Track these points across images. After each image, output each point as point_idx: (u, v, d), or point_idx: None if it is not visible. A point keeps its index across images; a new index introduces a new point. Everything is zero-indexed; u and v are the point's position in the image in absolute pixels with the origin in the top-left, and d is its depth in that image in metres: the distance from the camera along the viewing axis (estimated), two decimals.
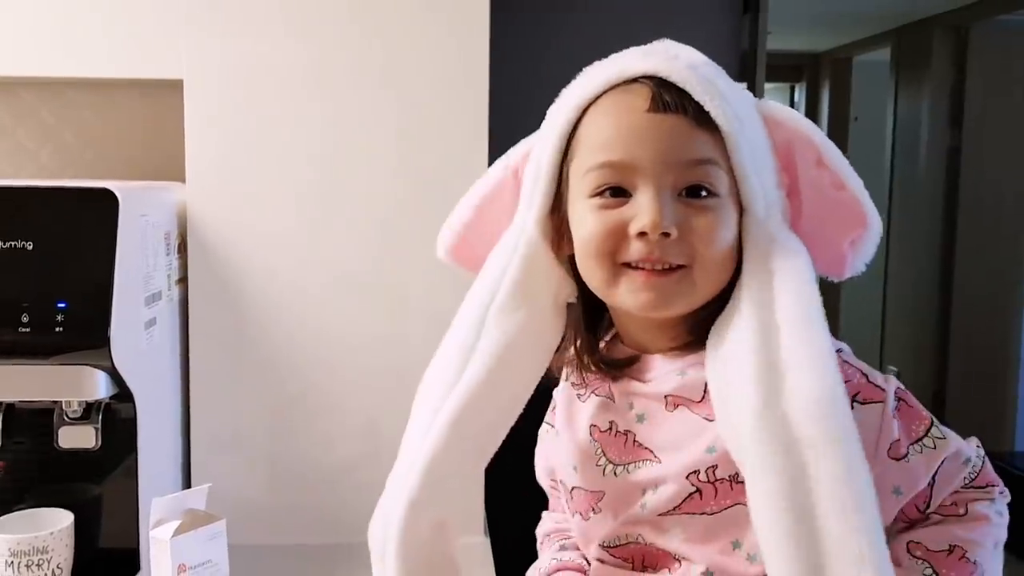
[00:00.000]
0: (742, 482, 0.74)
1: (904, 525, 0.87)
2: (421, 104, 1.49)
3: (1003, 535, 0.88)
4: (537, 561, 1.02)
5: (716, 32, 2.07)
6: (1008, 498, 0.90)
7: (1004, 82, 4.65)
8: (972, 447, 0.89)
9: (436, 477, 0.82)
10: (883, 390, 0.83)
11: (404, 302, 1.52)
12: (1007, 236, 4.61)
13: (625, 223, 0.78)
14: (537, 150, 0.87)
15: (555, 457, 0.95)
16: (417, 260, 1.50)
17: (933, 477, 0.84)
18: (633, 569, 0.84)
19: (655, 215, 0.76)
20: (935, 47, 4.84)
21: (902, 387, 0.86)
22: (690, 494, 0.80)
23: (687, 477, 0.80)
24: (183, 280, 1.49)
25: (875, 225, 0.83)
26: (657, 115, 0.78)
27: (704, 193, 0.78)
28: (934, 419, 0.86)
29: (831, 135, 4.05)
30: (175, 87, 1.49)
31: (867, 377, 0.84)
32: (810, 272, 0.77)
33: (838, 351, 0.78)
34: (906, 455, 0.83)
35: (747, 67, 3.99)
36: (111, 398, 1.26)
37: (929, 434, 0.84)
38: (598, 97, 0.81)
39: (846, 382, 0.75)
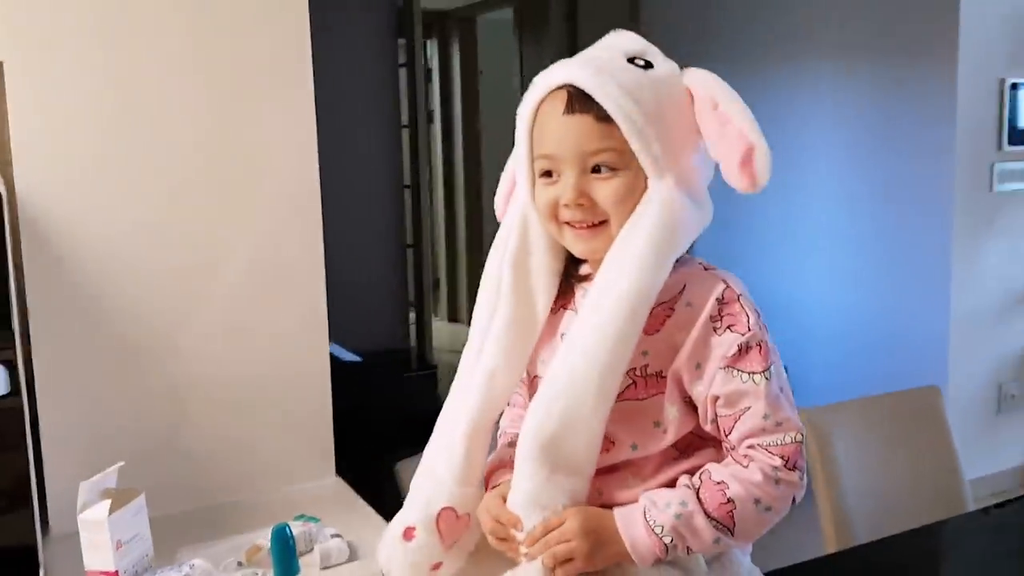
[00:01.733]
0: (664, 376, 1.05)
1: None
2: (245, 91, 1.64)
3: (773, 502, 1.02)
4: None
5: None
6: (798, 489, 1.03)
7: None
8: (794, 426, 1.04)
9: None
10: (711, 300, 1.05)
11: (245, 287, 1.68)
12: None
13: (558, 196, 1.07)
14: (517, 138, 1.13)
15: (535, 353, 1.17)
16: (249, 238, 1.66)
17: (741, 413, 1.03)
18: None
19: (572, 191, 1.05)
20: (551, 8, 5.46)
21: (756, 331, 1.04)
22: (627, 386, 1.07)
23: (627, 373, 1.05)
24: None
25: (758, 146, 1.04)
26: (569, 116, 1.05)
27: (607, 169, 1.06)
28: (774, 376, 1.03)
29: (462, 88, 4.65)
30: None
31: (711, 283, 1.06)
32: (667, 211, 1.03)
33: (712, 270, 1.07)
34: (715, 366, 1.04)
35: (405, 24, 4.31)
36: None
37: (750, 372, 1.03)
38: (542, 101, 1.08)
39: (684, 285, 1.05)
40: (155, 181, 1.61)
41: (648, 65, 1.09)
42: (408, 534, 1.10)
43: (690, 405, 1.08)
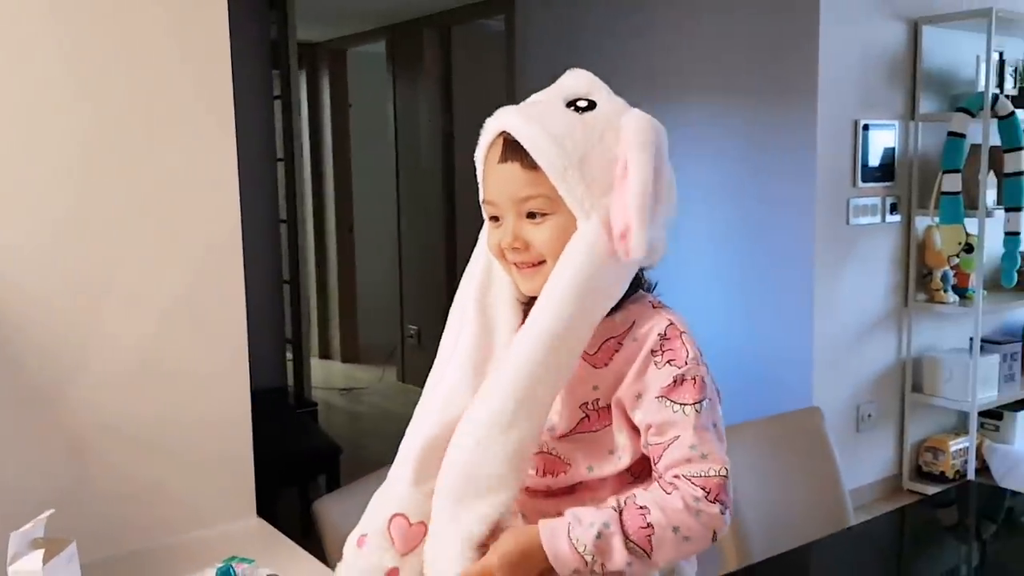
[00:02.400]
0: (610, 410, 1.12)
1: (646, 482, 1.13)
2: (162, 123, 1.61)
3: (691, 533, 1.05)
4: None
5: (247, 22, 2.10)
6: (719, 523, 1.06)
7: (481, 74, 5.50)
8: (719, 460, 1.07)
9: None
10: (654, 335, 1.10)
11: (161, 325, 1.62)
12: None
13: (500, 240, 1.13)
14: (479, 178, 1.18)
15: None
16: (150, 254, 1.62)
17: (670, 443, 1.08)
18: (538, 475, 1.16)
19: (507, 236, 1.12)
20: (425, 44, 5.53)
21: (692, 366, 1.10)
22: (581, 419, 1.14)
23: (580, 407, 1.13)
24: None
25: (634, 231, 1.07)
26: (503, 164, 1.11)
27: (538, 215, 1.11)
28: (705, 410, 1.08)
29: (332, 120, 4.72)
30: None
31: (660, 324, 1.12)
32: (585, 252, 1.07)
33: (659, 308, 1.13)
34: (651, 396, 1.10)
35: (280, 55, 4.27)
36: None
37: (680, 404, 1.08)
38: (490, 147, 1.14)
39: (633, 322, 1.10)
40: (61, 215, 1.55)
41: (591, 105, 1.13)
42: (360, 541, 1.14)
43: (636, 431, 1.13)
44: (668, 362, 1.10)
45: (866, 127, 3.76)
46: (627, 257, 1.09)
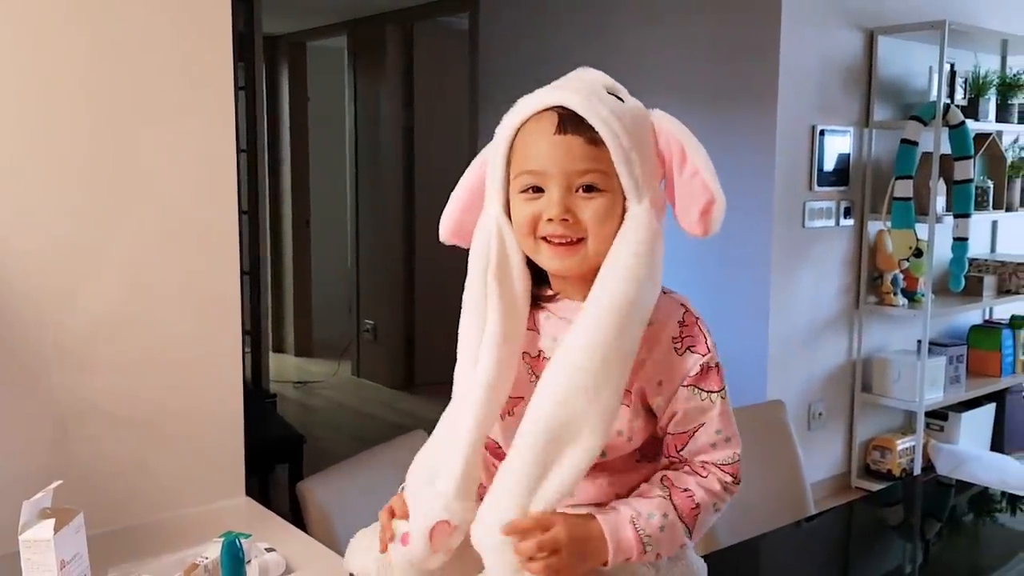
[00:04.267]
0: (629, 391, 1.11)
1: (666, 463, 1.17)
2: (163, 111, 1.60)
3: (720, 508, 1.14)
4: None
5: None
6: (731, 496, 1.15)
7: (442, 72, 5.52)
8: (738, 443, 1.15)
9: None
10: (672, 322, 1.15)
11: (159, 309, 1.63)
12: None
13: (540, 211, 1.11)
14: (491, 155, 1.17)
15: None
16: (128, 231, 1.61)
17: (696, 429, 1.13)
18: None
19: (558, 207, 1.10)
20: (388, 40, 5.54)
21: (713, 353, 1.15)
22: None
23: None
24: None
25: (718, 200, 1.14)
26: (561, 136, 1.10)
27: (593, 189, 1.12)
28: (727, 396, 1.14)
29: (291, 113, 4.73)
30: None
31: (684, 316, 1.17)
32: (647, 230, 1.11)
33: (670, 293, 1.17)
34: (677, 384, 1.13)
35: (245, 46, 4.25)
36: None
37: (708, 392, 1.13)
38: (526, 121, 1.13)
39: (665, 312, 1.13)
40: (67, 201, 1.55)
41: (619, 99, 1.16)
42: (405, 539, 1.12)
43: (651, 413, 1.17)
44: (689, 349, 1.14)
45: (822, 132, 3.86)
46: (708, 232, 1.15)
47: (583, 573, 1.08)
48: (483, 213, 1.20)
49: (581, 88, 1.14)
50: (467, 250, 1.22)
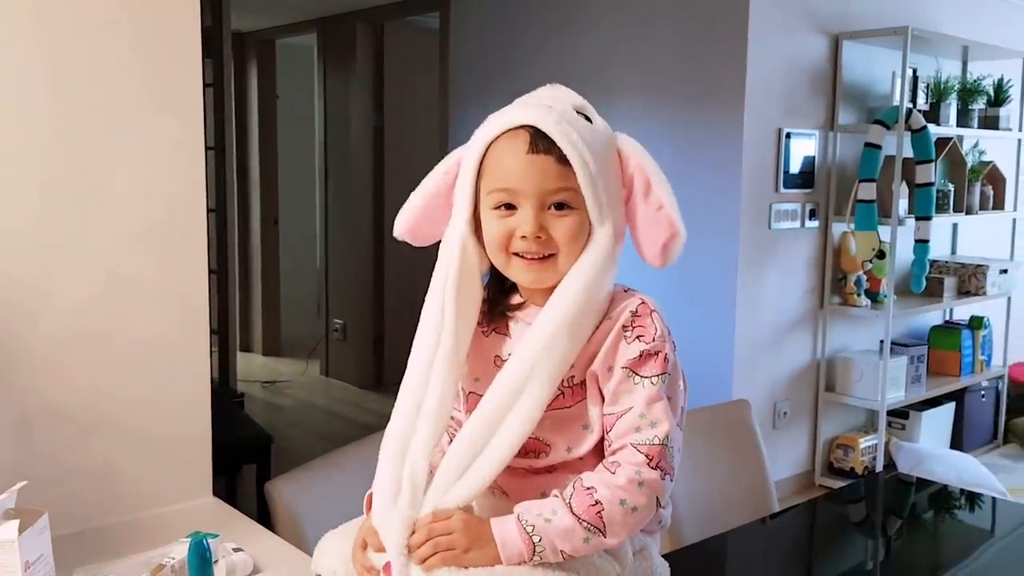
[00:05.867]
0: (584, 386, 1.16)
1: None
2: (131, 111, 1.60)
3: (637, 503, 1.11)
4: None
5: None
6: (661, 490, 1.12)
7: (413, 71, 5.53)
8: (664, 431, 1.13)
9: None
10: (626, 312, 1.17)
11: (120, 306, 1.62)
12: None
13: (513, 228, 1.16)
14: (462, 170, 1.20)
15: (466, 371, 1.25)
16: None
17: (625, 412, 1.15)
18: (519, 456, 1.16)
19: (532, 225, 1.14)
20: (357, 38, 5.53)
21: (659, 343, 1.16)
22: (557, 396, 1.17)
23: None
24: None
25: (680, 234, 1.20)
26: (532, 156, 1.13)
27: (564, 207, 1.15)
28: (660, 384, 1.14)
29: (259, 111, 4.72)
30: None
31: (638, 315, 1.18)
32: (603, 256, 1.15)
33: (622, 287, 1.20)
34: (617, 368, 1.17)
35: (213, 43, 4.23)
36: None
37: (642, 376, 1.15)
38: (498, 138, 1.16)
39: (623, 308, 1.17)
40: (32, 200, 1.54)
41: (588, 120, 1.19)
42: (387, 570, 1.12)
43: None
44: (638, 337, 1.16)
45: (788, 135, 3.91)
46: (666, 263, 1.21)
47: (475, 561, 1.10)
48: (450, 225, 1.23)
49: (553, 107, 1.17)
50: (435, 249, 1.24)
